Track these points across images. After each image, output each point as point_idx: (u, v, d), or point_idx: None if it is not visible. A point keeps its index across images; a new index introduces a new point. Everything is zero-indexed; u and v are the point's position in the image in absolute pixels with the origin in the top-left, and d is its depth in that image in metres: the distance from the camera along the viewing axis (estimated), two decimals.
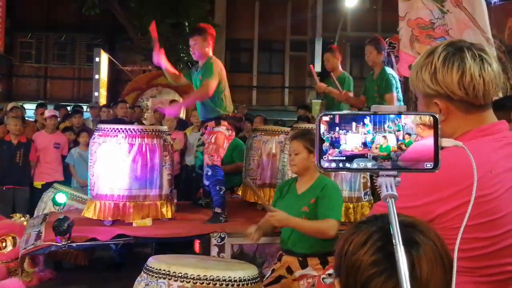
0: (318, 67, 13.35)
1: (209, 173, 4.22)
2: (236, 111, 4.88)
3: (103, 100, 14.43)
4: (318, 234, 2.88)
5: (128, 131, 4.09)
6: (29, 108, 11.53)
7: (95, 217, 4.05)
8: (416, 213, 1.10)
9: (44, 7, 20.59)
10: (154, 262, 2.71)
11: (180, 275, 2.59)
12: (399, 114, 0.97)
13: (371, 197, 4.27)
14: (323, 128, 0.98)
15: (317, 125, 0.98)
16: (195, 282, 2.56)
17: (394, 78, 4.73)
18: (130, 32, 14.66)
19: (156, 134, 4.18)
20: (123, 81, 17.51)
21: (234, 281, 2.61)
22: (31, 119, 8.96)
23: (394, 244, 0.87)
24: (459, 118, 1.35)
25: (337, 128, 0.98)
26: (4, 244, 4.17)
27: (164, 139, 4.22)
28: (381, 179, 0.96)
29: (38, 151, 6.78)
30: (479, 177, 1.06)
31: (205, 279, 2.57)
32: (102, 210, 4.04)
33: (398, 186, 0.96)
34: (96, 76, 15.19)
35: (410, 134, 0.97)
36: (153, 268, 2.67)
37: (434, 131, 0.97)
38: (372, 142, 0.97)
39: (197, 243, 3.95)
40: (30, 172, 6.79)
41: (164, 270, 2.62)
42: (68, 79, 20.83)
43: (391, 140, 0.97)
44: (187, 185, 6.46)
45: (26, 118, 8.76)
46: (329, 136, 0.98)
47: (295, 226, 2.92)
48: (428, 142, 0.97)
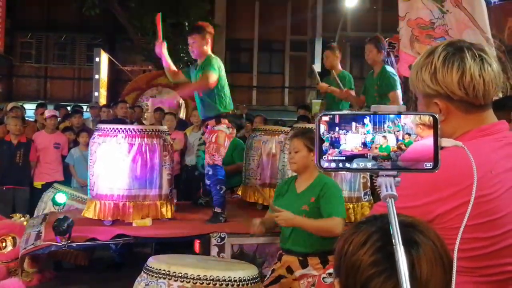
0: (318, 67, 13.34)
1: (210, 173, 4.22)
2: (236, 111, 4.88)
3: (103, 100, 14.44)
4: (324, 233, 2.87)
5: (128, 131, 4.09)
6: (29, 108, 11.52)
7: (95, 217, 4.05)
8: (416, 213, 1.10)
9: (44, 7, 20.60)
10: (154, 262, 2.71)
11: (180, 275, 2.59)
12: (399, 114, 0.97)
13: (371, 197, 4.26)
14: (323, 128, 0.98)
15: (317, 125, 0.98)
16: (195, 282, 2.57)
17: (396, 76, 4.71)
18: (130, 32, 14.67)
19: (156, 134, 4.18)
20: (123, 81, 17.49)
21: (234, 281, 2.62)
22: (31, 119, 8.95)
23: (394, 244, 0.87)
24: (459, 118, 1.35)
25: (337, 128, 0.98)
26: (4, 244, 4.17)
27: (164, 139, 4.22)
28: (381, 179, 0.96)
29: (38, 151, 6.78)
30: (479, 177, 1.06)
31: (205, 279, 2.58)
32: (102, 210, 4.04)
33: (398, 186, 0.96)
34: (96, 76, 15.20)
35: (410, 134, 0.97)
36: (153, 268, 2.67)
37: (434, 131, 0.97)
38: (372, 142, 0.97)
39: (197, 243, 3.95)
40: (30, 172, 6.78)
41: (164, 270, 2.62)
42: (68, 79, 20.83)
43: (391, 140, 0.97)
44: (187, 185, 6.46)
45: (26, 118, 8.76)
46: (329, 136, 0.98)
47: (301, 226, 2.90)
48: (428, 142, 0.97)
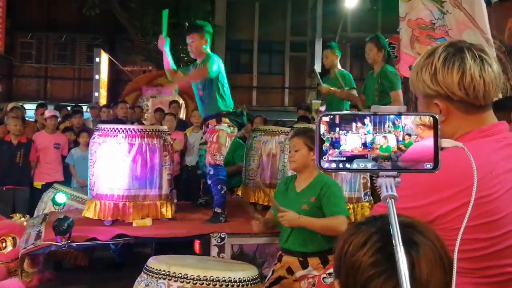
0: (318, 68, 13.37)
1: (211, 172, 4.21)
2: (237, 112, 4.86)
3: (103, 101, 14.45)
4: (330, 232, 2.86)
5: (128, 131, 4.09)
6: (29, 108, 11.50)
7: (95, 217, 4.05)
8: (416, 214, 1.10)
9: (44, 7, 20.60)
10: (154, 263, 2.71)
11: (180, 276, 2.59)
12: (399, 115, 0.97)
13: (371, 198, 4.26)
14: (323, 129, 0.98)
15: (317, 126, 0.98)
16: (195, 283, 2.57)
17: (398, 75, 4.70)
18: (131, 33, 14.69)
19: (156, 134, 4.18)
20: (123, 82, 17.51)
21: (234, 282, 2.61)
22: (31, 119, 8.94)
23: (394, 245, 0.87)
24: (459, 119, 1.35)
25: (337, 129, 0.98)
26: (4, 244, 4.16)
27: (164, 139, 4.22)
28: (381, 180, 0.96)
29: (38, 151, 6.78)
30: (479, 178, 1.06)
31: (205, 280, 2.57)
32: (102, 210, 4.05)
33: (398, 187, 0.96)
34: (96, 77, 15.21)
35: (410, 135, 0.97)
36: (153, 269, 2.67)
37: (434, 132, 0.97)
38: (372, 143, 0.97)
39: (197, 243, 3.95)
40: (30, 172, 6.78)
41: (164, 271, 2.62)
42: (68, 79, 20.84)
43: (391, 141, 0.97)
44: (187, 185, 6.46)
45: (26, 118, 8.75)
46: (329, 137, 0.98)
47: (306, 225, 2.88)
48: (428, 143, 0.97)
